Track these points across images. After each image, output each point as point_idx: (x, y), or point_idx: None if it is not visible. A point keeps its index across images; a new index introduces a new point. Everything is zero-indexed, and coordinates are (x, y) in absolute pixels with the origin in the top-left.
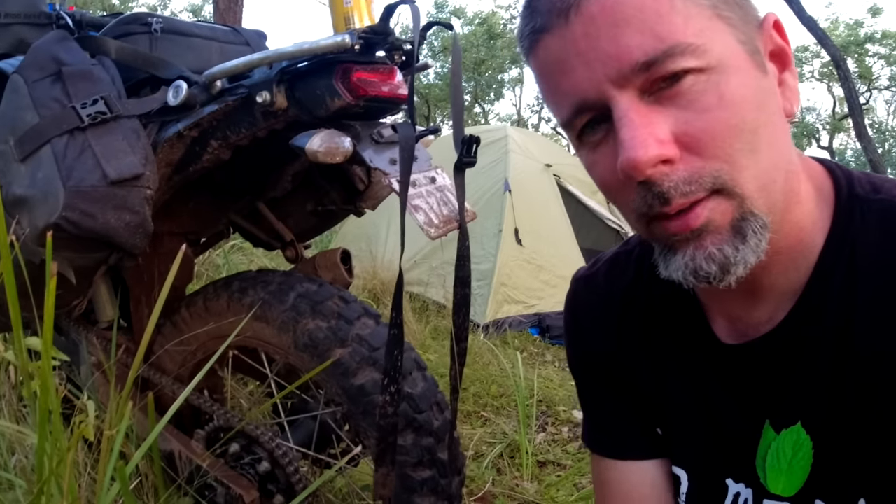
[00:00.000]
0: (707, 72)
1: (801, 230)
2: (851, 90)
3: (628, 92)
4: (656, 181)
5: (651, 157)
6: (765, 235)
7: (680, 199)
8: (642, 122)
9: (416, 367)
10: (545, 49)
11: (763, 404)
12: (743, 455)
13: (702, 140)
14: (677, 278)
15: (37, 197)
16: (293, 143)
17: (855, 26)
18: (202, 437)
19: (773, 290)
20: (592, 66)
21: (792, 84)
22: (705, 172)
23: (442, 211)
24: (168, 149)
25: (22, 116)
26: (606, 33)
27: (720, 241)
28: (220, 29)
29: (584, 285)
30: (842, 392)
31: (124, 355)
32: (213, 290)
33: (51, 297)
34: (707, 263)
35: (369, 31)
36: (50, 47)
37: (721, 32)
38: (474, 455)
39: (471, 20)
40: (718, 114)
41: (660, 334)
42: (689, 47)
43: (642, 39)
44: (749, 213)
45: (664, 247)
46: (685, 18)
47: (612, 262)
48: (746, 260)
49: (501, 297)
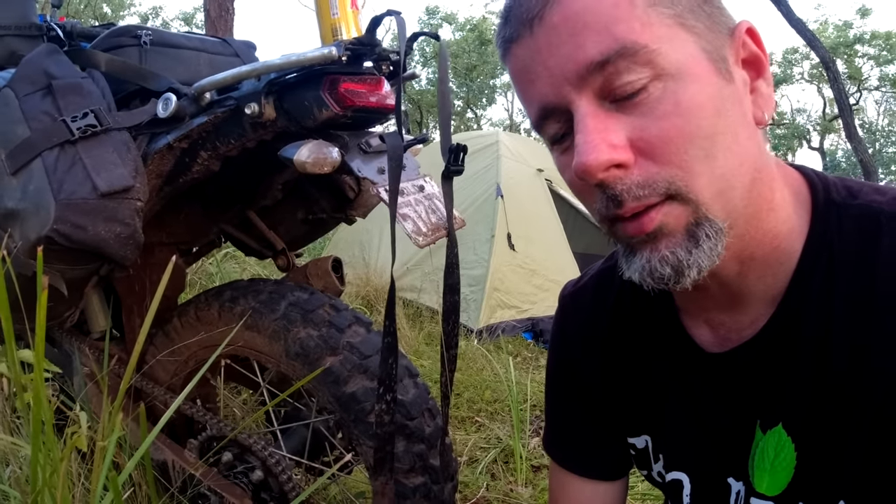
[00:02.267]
0: (664, 77)
1: (776, 237)
2: (841, 91)
3: (586, 94)
4: (609, 184)
5: (602, 162)
6: (720, 240)
7: (632, 203)
8: (597, 127)
9: (408, 374)
10: (514, 58)
11: (752, 406)
12: (739, 454)
13: (656, 146)
14: (636, 279)
15: (28, 210)
16: (281, 154)
17: (844, 27)
18: (195, 447)
19: (753, 296)
20: (553, 70)
21: (765, 91)
22: (659, 178)
23: (430, 219)
24: (158, 160)
25: (13, 130)
26: (567, 40)
27: (673, 245)
28: (209, 40)
29: (572, 302)
30: (821, 395)
31: (117, 366)
32: (205, 299)
33: (42, 309)
34: (661, 266)
35: (356, 43)
36: (40, 61)
37: (682, 41)
38: (468, 460)
39: (462, 26)
40: (674, 121)
41: (645, 345)
42: (644, 49)
43: (598, 39)
44: (703, 219)
45: (625, 247)
46: (643, 24)
47: (598, 278)
48: (700, 263)
49: (494, 302)
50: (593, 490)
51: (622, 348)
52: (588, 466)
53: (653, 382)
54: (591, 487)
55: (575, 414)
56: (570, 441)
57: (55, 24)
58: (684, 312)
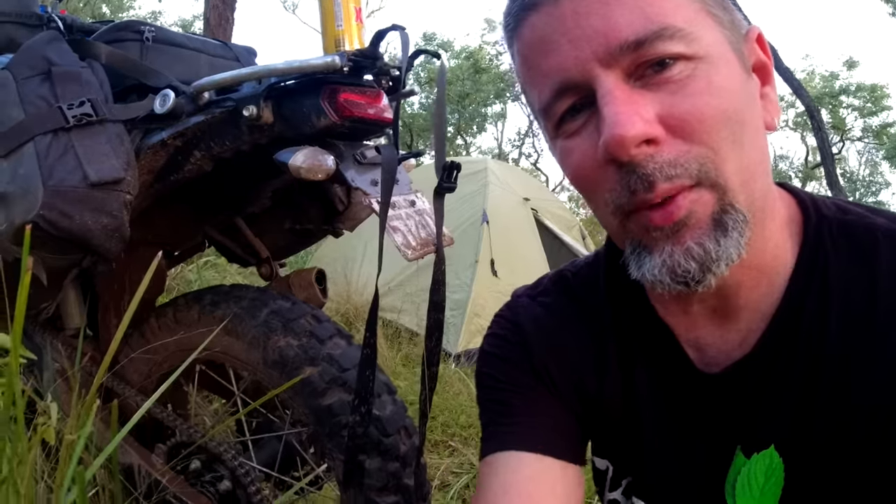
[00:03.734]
0: (695, 60)
1: (775, 247)
2: (824, 140)
3: (614, 72)
4: (640, 163)
5: (637, 134)
6: (745, 232)
7: (664, 184)
8: (627, 99)
9: (386, 391)
10: (531, 28)
11: (734, 429)
12: (714, 482)
13: (688, 123)
14: (651, 278)
15: (16, 193)
16: (277, 157)
17: (830, 78)
18: (163, 452)
19: (746, 308)
20: (579, 43)
21: (773, 97)
22: (691, 157)
23: (420, 234)
24: (151, 156)
25: (8, 112)
26: (596, 11)
27: (700, 236)
28: (210, 42)
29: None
30: (814, 411)
31: (89, 363)
32: (185, 301)
33: (24, 291)
34: (686, 260)
35: (359, 55)
36: (41, 47)
37: (710, 27)
38: (440, 485)
39: (458, 54)
40: (707, 98)
41: (632, 366)
42: (679, 32)
43: (632, 18)
44: (730, 206)
45: (639, 245)
46: (675, 6)
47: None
48: (729, 255)
49: (474, 327)
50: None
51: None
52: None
53: (616, 401)
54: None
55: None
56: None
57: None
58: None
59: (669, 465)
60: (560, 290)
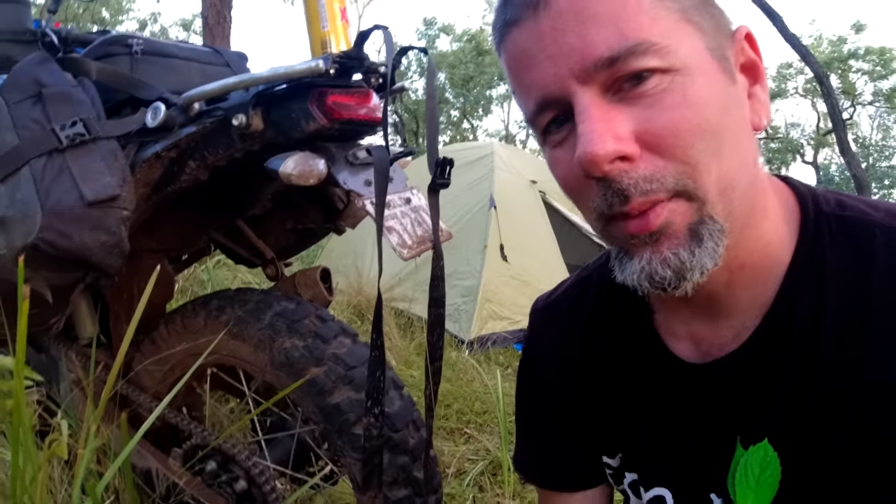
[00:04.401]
0: (671, 73)
1: (767, 245)
2: (834, 106)
3: (591, 88)
4: (615, 178)
5: (608, 152)
6: (722, 241)
7: (640, 198)
8: (602, 117)
9: (393, 386)
10: (513, 42)
11: (732, 420)
12: (719, 470)
13: (664, 138)
14: (632, 283)
15: (15, 217)
16: (267, 165)
17: (838, 43)
18: (179, 455)
19: (738, 307)
20: (556, 60)
21: (762, 97)
22: (667, 172)
23: (416, 231)
24: (146, 169)
25: (2, 137)
26: (573, 28)
27: (676, 246)
28: (200, 50)
29: (544, 317)
30: (807, 406)
31: (103, 372)
32: (192, 308)
33: (23, 318)
34: (662, 268)
35: (344, 56)
36: (31, 69)
37: (689, 36)
38: (456, 472)
39: (459, 37)
40: (682, 112)
41: (620, 359)
42: (653, 46)
43: (607, 35)
44: (707, 217)
45: (620, 249)
46: (652, 19)
47: (571, 289)
48: (703, 265)
49: (486, 313)
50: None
51: (596, 364)
52: (564, 483)
53: (628, 398)
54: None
55: (546, 435)
56: (541, 461)
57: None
58: (663, 325)
59: (669, 457)
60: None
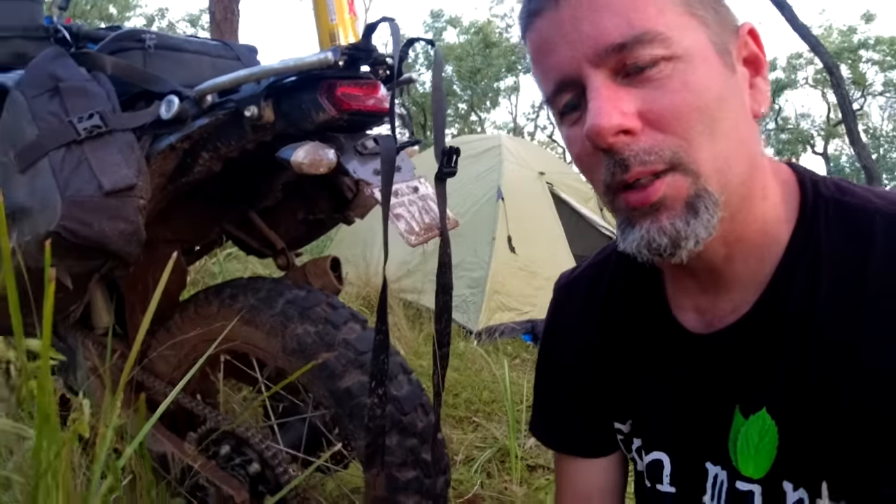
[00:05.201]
0: (674, 60)
1: (766, 223)
2: (844, 97)
3: (602, 71)
4: (618, 149)
5: (613, 125)
6: (716, 213)
7: (638, 167)
8: (610, 96)
9: (402, 371)
10: (537, 31)
11: (732, 390)
12: (717, 439)
13: (664, 117)
14: (632, 250)
15: (36, 207)
16: (279, 155)
17: (848, 32)
18: (194, 439)
19: (738, 281)
20: (573, 45)
21: (763, 88)
22: (665, 146)
23: (423, 219)
24: (161, 160)
25: (22, 130)
26: (588, 17)
27: (673, 216)
28: (210, 44)
29: (566, 293)
30: (803, 379)
31: (119, 360)
32: (205, 296)
33: (49, 300)
34: (659, 236)
35: (352, 48)
36: (47, 64)
37: (692, 28)
38: (465, 459)
39: (466, 29)
40: (682, 95)
41: (633, 331)
42: (659, 35)
43: (618, 23)
44: (703, 190)
45: (624, 220)
46: (658, 10)
47: (592, 268)
48: (697, 234)
49: (495, 304)
50: (588, 466)
51: (612, 336)
52: (575, 446)
53: (639, 366)
54: (585, 464)
55: (562, 399)
56: (557, 426)
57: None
58: (672, 297)
59: (671, 423)
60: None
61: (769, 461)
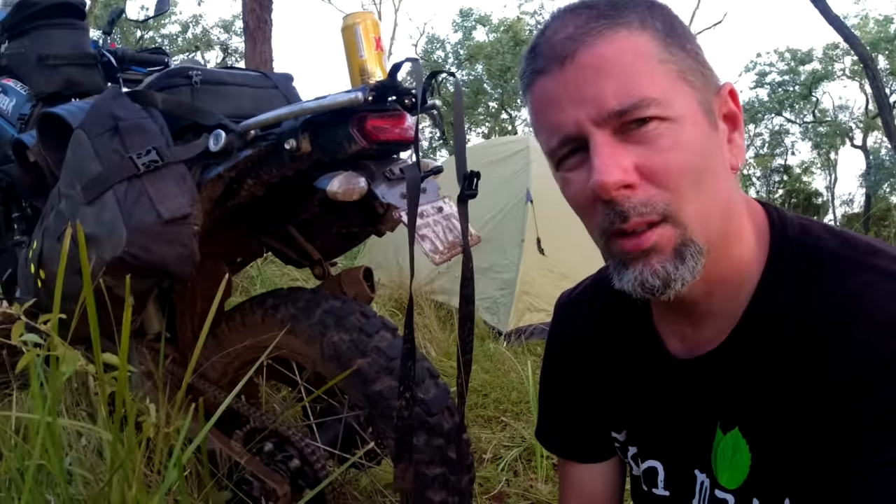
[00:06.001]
0: (668, 120)
1: (741, 263)
2: (880, 89)
3: (604, 131)
4: (618, 202)
5: (616, 181)
6: (700, 260)
7: (636, 218)
8: (612, 153)
9: (429, 376)
10: (542, 88)
11: (712, 409)
12: (702, 450)
13: (657, 173)
14: (628, 289)
15: (102, 235)
16: (316, 184)
17: (885, 22)
18: (240, 437)
19: (716, 313)
20: (577, 106)
21: (739, 142)
22: (658, 199)
23: (447, 237)
24: (210, 188)
25: (87, 166)
26: (593, 81)
27: (664, 261)
28: (251, 75)
29: (565, 311)
30: (770, 404)
31: (171, 364)
32: (249, 306)
33: (127, 322)
34: (652, 278)
35: (380, 85)
36: (107, 104)
37: (683, 93)
38: (492, 458)
39: (496, 27)
40: (674, 154)
41: (625, 351)
42: (655, 101)
43: (619, 91)
44: (689, 240)
45: (618, 262)
46: (655, 79)
47: (589, 289)
48: (684, 278)
49: (524, 305)
50: (589, 471)
51: (606, 354)
52: (577, 453)
53: (631, 384)
54: (587, 469)
55: (562, 409)
56: (559, 435)
57: (107, 52)
58: (658, 324)
59: (662, 436)
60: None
61: (743, 475)
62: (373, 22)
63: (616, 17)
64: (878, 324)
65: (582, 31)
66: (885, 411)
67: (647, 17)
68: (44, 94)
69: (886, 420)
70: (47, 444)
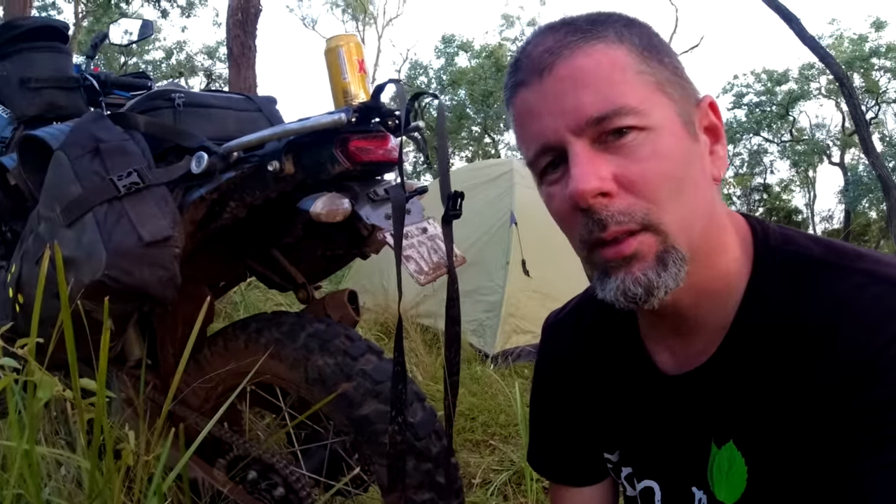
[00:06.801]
0: (646, 130)
1: (727, 275)
2: (856, 107)
3: (582, 140)
4: (596, 210)
5: (592, 188)
6: (683, 267)
7: (614, 227)
8: (590, 161)
9: (416, 399)
10: (522, 100)
11: (706, 424)
12: (698, 466)
13: (636, 182)
14: (610, 299)
15: (82, 258)
16: (300, 206)
17: (859, 41)
18: (223, 465)
19: (704, 325)
20: (556, 116)
21: (721, 154)
22: (637, 208)
23: (432, 258)
24: (193, 210)
25: (67, 188)
26: (571, 92)
27: (645, 268)
28: (234, 98)
29: (554, 332)
30: (763, 416)
31: (152, 391)
32: (232, 330)
33: (105, 346)
34: (634, 286)
35: (363, 107)
36: (88, 126)
37: (661, 104)
38: (482, 482)
39: (478, 53)
40: (652, 163)
41: (615, 369)
42: (633, 109)
43: (596, 99)
44: (671, 248)
45: (601, 272)
46: (632, 88)
47: (575, 310)
48: (667, 285)
49: (510, 327)
50: (581, 494)
51: (595, 373)
52: (569, 477)
53: (622, 403)
54: (578, 492)
55: (553, 432)
56: (550, 457)
57: (89, 75)
58: (647, 338)
59: (656, 454)
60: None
61: (740, 489)
62: (356, 44)
63: (593, 31)
64: (864, 324)
65: (560, 44)
66: (877, 412)
67: (623, 33)
68: (26, 117)
69: (880, 421)
70: (25, 473)
